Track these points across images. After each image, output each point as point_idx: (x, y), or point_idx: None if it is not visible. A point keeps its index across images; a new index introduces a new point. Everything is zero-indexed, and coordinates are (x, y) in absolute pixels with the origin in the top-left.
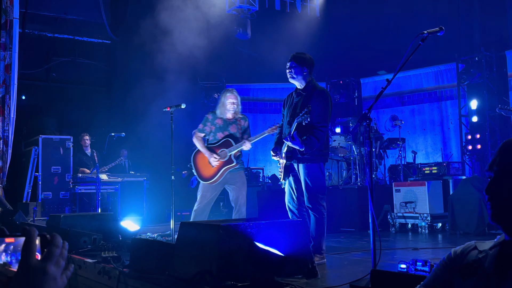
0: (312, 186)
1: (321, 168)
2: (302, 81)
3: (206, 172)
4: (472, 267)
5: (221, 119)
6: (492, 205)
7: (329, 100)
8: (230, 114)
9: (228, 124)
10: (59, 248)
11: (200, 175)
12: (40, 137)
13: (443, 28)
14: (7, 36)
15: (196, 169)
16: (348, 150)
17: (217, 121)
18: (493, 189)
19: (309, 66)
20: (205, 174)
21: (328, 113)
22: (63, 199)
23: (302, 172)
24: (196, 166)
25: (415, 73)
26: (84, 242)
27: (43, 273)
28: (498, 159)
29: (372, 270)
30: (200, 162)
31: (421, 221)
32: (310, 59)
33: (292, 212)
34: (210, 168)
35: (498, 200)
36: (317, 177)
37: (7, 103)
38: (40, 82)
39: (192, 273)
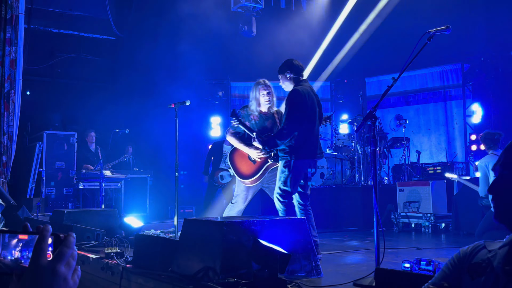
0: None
1: (289, 164)
2: (290, 86)
3: (246, 169)
4: (481, 267)
5: (256, 115)
6: (496, 204)
7: (295, 97)
8: (265, 107)
9: (264, 120)
10: (70, 249)
11: (240, 174)
12: (45, 132)
13: (449, 27)
14: (13, 31)
15: (235, 167)
16: (352, 149)
17: (252, 117)
18: (497, 188)
19: (289, 68)
20: (245, 171)
21: (293, 110)
22: (67, 195)
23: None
24: (234, 164)
25: (420, 72)
26: (87, 238)
27: (53, 273)
28: (502, 159)
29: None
30: (238, 160)
31: (425, 221)
32: (289, 61)
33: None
34: (251, 165)
35: (502, 199)
36: (282, 172)
37: (11, 99)
38: (45, 78)
39: (195, 269)
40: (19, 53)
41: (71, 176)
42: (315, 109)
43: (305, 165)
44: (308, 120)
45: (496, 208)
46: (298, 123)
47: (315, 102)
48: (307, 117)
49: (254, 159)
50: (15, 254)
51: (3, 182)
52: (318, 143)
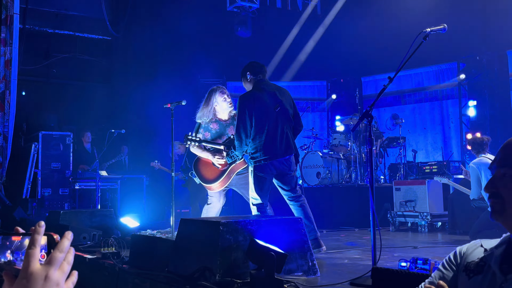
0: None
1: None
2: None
3: (210, 174)
4: (478, 265)
5: (216, 123)
6: (492, 203)
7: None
8: (226, 113)
9: (225, 127)
10: (63, 253)
11: (205, 180)
12: (40, 133)
13: (445, 26)
14: (8, 31)
15: (200, 175)
16: (348, 148)
17: (212, 126)
18: (493, 187)
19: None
20: (209, 176)
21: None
22: (63, 195)
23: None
24: (199, 172)
25: (416, 72)
26: (83, 238)
27: (45, 279)
28: (499, 158)
29: (373, 267)
30: (202, 168)
31: (421, 220)
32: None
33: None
34: (215, 170)
35: (498, 197)
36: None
37: (7, 99)
38: (40, 78)
39: (192, 269)
40: (14, 53)
41: (67, 176)
42: (267, 109)
43: (267, 166)
44: (258, 123)
45: (493, 207)
46: (245, 130)
47: (266, 102)
48: (257, 120)
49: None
50: (7, 257)
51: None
52: (282, 141)
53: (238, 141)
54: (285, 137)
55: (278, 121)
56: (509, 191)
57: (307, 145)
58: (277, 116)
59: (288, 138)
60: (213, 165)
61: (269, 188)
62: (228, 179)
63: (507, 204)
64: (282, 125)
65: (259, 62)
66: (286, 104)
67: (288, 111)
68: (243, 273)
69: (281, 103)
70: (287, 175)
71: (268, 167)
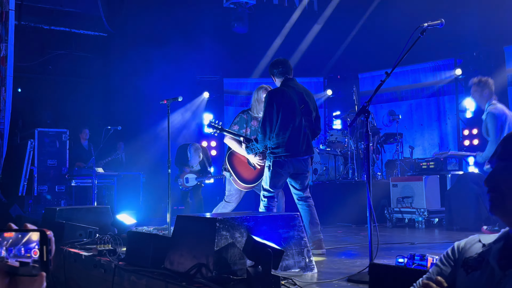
0: (263, 179)
1: (270, 166)
2: (279, 85)
3: (247, 174)
4: (476, 261)
5: (257, 120)
6: (492, 197)
7: (268, 100)
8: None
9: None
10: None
11: (240, 178)
12: (36, 130)
13: (443, 21)
14: (3, 27)
15: (235, 171)
16: (345, 144)
17: (252, 123)
18: (492, 181)
19: (276, 68)
20: (246, 176)
21: (267, 113)
22: (59, 192)
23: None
24: (234, 168)
25: (413, 68)
26: (79, 235)
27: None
28: (499, 151)
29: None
30: (238, 164)
31: (418, 216)
32: (273, 63)
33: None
34: (252, 171)
35: (497, 192)
36: (266, 172)
37: (2, 96)
38: (36, 75)
39: (188, 266)
40: (10, 49)
41: (63, 173)
42: (294, 108)
43: (286, 164)
44: (284, 119)
45: (492, 201)
46: (270, 124)
47: (294, 101)
48: (283, 117)
49: (254, 165)
50: (1, 253)
51: None
52: (303, 141)
53: (262, 134)
54: (306, 138)
55: (302, 121)
56: (509, 186)
57: None
58: (302, 116)
59: (309, 139)
60: (249, 164)
61: (283, 185)
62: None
63: (507, 198)
64: (305, 126)
65: (284, 59)
66: (311, 106)
67: (311, 113)
68: (240, 269)
69: (307, 104)
70: (302, 175)
71: (287, 164)
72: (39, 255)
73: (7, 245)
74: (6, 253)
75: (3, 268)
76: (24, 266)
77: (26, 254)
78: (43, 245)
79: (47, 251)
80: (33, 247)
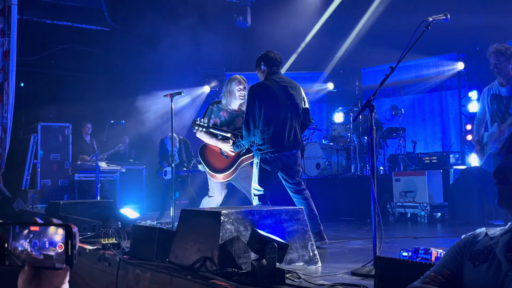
0: (253, 178)
1: (257, 163)
2: (262, 79)
3: (219, 164)
4: (483, 253)
5: (227, 111)
6: (500, 189)
7: (250, 95)
8: (237, 104)
9: (234, 117)
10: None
11: (212, 168)
12: (39, 124)
13: (447, 15)
14: (6, 22)
15: (207, 162)
16: (347, 139)
17: (222, 113)
18: (501, 173)
19: (262, 61)
20: (218, 166)
21: (250, 109)
22: (62, 186)
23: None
24: (206, 160)
25: (416, 63)
26: (83, 229)
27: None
28: (507, 144)
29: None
30: (210, 155)
31: (421, 211)
32: (262, 54)
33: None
34: (224, 160)
35: (507, 184)
36: (255, 171)
37: (5, 90)
38: (38, 69)
39: (193, 260)
40: (12, 44)
41: (66, 167)
42: (277, 102)
43: (273, 160)
44: (267, 114)
45: (500, 194)
46: (253, 120)
47: (278, 94)
48: (266, 112)
49: (227, 154)
50: (25, 246)
51: None
52: (290, 135)
53: (246, 130)
54: (293, 132)
55: (287, 114)
56: None
57: (307, 136)
58: (287, 110)
59: (296, 132)
60: (221, 155)
61: (273, 181)
62: (235, 171)
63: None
64: (291, 119)
65: (275, 52)
66: (297, 98)
67: (298, 105)
68: (244, 263)
69: (292, 97)
70: (293, 169)
71: (274, 161)
72: (64, 249)
73: (32, 238)
74: (30, 246)
75: (27, 259)
76: (48, 260)
77: (51, 248)
78: (68, 239)
79: (72, 245)
80: (57, 242)
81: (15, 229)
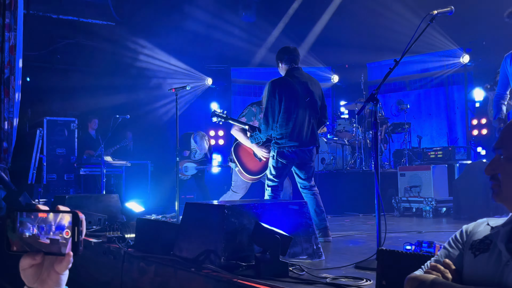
0: (268, 169)
1: (274, 156)
2: (283, 74)
3: (252, 166)
4: (484, 243)
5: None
6: (493, 185)
7: (270, 90)
8: None
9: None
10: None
11: (246, 169)
12: (45, 119)
13: (452, 8)
14: (12, 16)
15: (240, 162)
16: (353, 134)
17: (261, 116)
18: (492, 169)
19: (282, 56)
20: (252, 168)
21: (270, 104)
22: (68, 180)
23: None
24: (240, 159)
25: (421, 57)
26: (89, 223)
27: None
28: (499, 139)
29: (378, 249)
30: (244, 155)
31: (426, 205)
32: (281, 49)
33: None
34: (257, 162)
35: (497, 180)
36: (271, 162)
37: (11, 84)
38: (44, 63)
39: (197, 253)
40: (19, 38)
41: (72, 162)
42: (297, 98)
43: (290, 154)
44: (287, 110)
45: (492, 189)
46: (272, 115)
47: (298, 90)
48: (286, 107)
49: (260, 157)
50: (33, 230)
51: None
52: (308, 131)
53: (265, 124)
54: (311, 128)
55: (306, 111)
56: (504, 172)
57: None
58: (306, 106)
59: (314, 129)
60: (255, 156)
61: (287, 174)
62: (264, 175)
63: (503, 185)
64: (310, 116)
65: (292, 47)
66: (316, 95)
67: (317, 102)
68: (248, 256)
69: (312, 94)
70: (307, 165)
71: (291, 155)
72: (71, 236)
73: (40, 223)
74: (38, 231)
75: (34, 245)
76: (54, 244)
77: (58, 233)
78: (75, 226)
79: (79, 232)
80: (64, 228)
81: (22, 215)
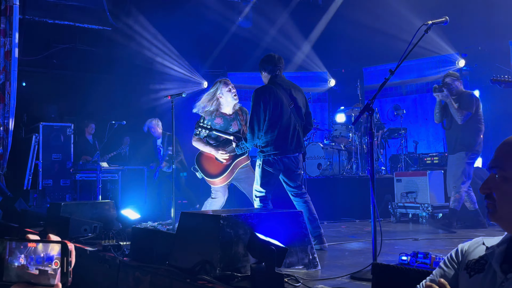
0: (255, 180)
1: (260, 165)
2: (266, 82)
3: (215, 169)
4: (479, 264)
5: (221, 117)
6: (488, 204)
7: (255, 98)
8: (231, 108)
9: (229, 122)
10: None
11: (208, 174)
12: (41, 124)
13: (447, 19)
14: (7, 22)
15: (203, 169)
16: (349, 139)
17: (216, 121)
18: (486, 188)
19: (265, 65)
20: (214, 171)
21: (255, 112)
22: (64, 186)
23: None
24: (202, 166)
25: (418, 62)
26: (84, 231)
27: None
28: (493, 158)
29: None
30: (205, 162)
31: (422, 211)
32: (265, 58)
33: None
34: (219, 165)
35: (491, 199)
36: (257, 172)
37: (7, 90)
38: (40, 69)
39: (192, 263)
40: (14, 44)
41: (68, 167)
42: (282, 105)
43: (276, 162)
44: (272, 117)
45: (487, 208)
46: (258, 123)
47: (282, 98)
48: (271, 115)
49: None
50: (21, 261)
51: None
52: (293, 138)
53: (251, 133)
54: (296, 135)
55: (291, 118)
56: (498, 192)
57: (308, 136)
58: (291, 113)
59: (299, 136)
60: (216, 160)
61: (274, 183)
62: (231, 174)
63: (498, 205)
64: (295, 123)
65: (276, 55)
66: (300, 102)
67: (301, 109)
68: (244, 266)
69: (295, 101)
70: (294, 172)
71: (277, 163)
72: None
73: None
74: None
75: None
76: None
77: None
78: (64, 256)
79: (68, 262)
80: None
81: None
